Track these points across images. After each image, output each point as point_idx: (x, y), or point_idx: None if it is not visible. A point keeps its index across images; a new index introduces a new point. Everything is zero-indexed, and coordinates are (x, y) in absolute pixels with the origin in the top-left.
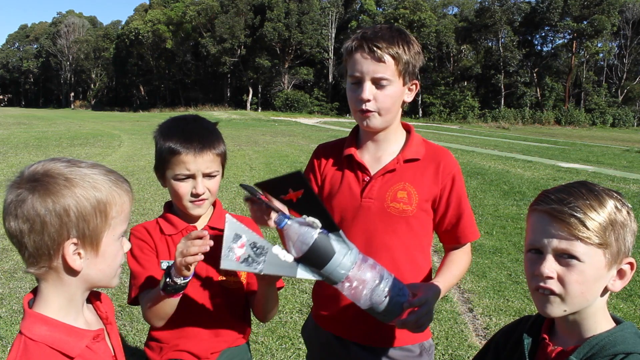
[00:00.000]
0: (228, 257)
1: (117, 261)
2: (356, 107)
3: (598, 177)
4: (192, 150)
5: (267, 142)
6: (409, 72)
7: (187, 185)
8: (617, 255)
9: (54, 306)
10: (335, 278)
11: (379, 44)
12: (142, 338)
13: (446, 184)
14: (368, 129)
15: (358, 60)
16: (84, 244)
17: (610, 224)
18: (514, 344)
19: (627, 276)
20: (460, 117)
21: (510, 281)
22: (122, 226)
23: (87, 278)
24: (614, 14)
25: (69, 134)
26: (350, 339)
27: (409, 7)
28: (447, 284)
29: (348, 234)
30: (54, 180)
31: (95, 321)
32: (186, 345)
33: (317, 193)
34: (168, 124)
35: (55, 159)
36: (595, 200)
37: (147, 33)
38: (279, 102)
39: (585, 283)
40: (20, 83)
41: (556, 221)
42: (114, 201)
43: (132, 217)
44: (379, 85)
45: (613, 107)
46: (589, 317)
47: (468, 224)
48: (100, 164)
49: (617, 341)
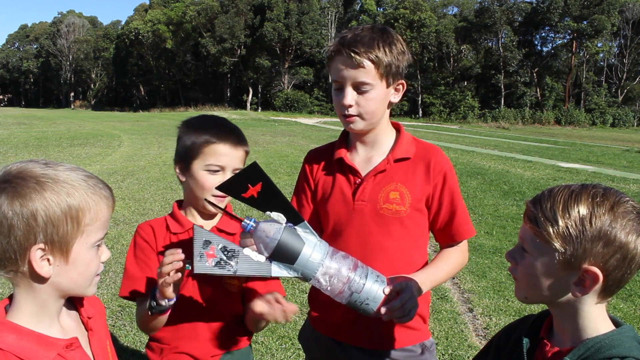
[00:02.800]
0: (200, 261)
1: (90, 270)
2: (340, 112)
3: (598, 177)
4: (229, 142)
5: (267, 142)
6: (392, 74)
7: (216, 179)
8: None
9: (25, 313)
10: (309, 270)
11: (357, 49)
12: (142, 338)
13: (438, 182)
14: (354, 132)
15: (338, 67)
16: (52, 250)
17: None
18: (514, 343)
19: (589, 285)
20: (460, 117)
21: (510, 281)
22: (98, 234)
23: (58, 286)
24: (614, 14)
25: (69, 134)
26: (351, 343)
27: (409, 7)
28: (431, 278)
29: (343, 238)
30: (24, 182)
31: (74, 328)
32: (186, 348)
33: (311, 198)
34: (199, 119)
35: (34, 161)
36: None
37: (147, 33)
38: (279, 102)
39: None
40: (20, 83)
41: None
42: (88, 207)
43: (132, 217)
44: (360, 90)
45: (613, 107)
46: (587, 318)
47: (462, 221)
48: (80, 168)
49: (613, 344)
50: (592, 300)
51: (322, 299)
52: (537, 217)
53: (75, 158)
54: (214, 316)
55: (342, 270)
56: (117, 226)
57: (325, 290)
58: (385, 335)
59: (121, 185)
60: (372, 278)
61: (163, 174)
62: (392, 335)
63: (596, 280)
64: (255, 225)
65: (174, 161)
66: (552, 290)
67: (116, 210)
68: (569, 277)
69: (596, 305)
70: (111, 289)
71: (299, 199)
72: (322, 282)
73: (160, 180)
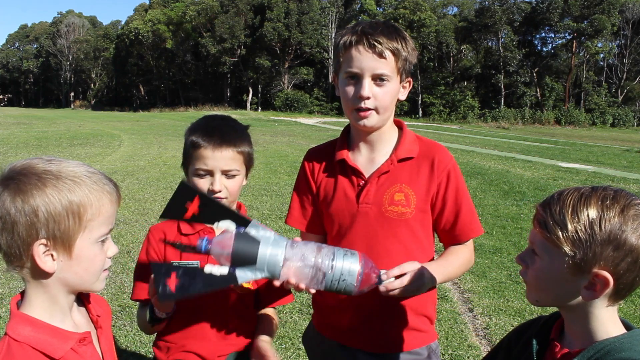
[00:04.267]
0: (165, 292)
1: (96, 265)
2: (353, 106)
3: (598, 177)
4: (211, 144)
5: (267, 142)
6: (405, 69)
7: (205, 182)
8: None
9: (37, 308)
10: (273, 265)
11: (379, 38)
12: (142, 338)
13: (442, 181)
14: (365, 129)
15: (356, 56)
16: (55, 246)
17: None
18: (524, 344)
19: (599, 289)
20: (460, 117)
21: (510, 281)
22: (102, 229)
23: (64, 281)
24: (614, 13)
25: (69, 133)
26: (357, 347)
27: (409, 7)
28: (442, 270)
29: (347, 240)
30: (26, 179)
31: (85, 324)
32: (193, 347)
33: (313, 200)
34: (198, 120)
35: (39, 158)
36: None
37: (147, 33)
38: (279, 102)
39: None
40: (20, 83)
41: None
42: (90, 203)
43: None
44: (378, 82)
45: (613, 107)
46: (597, 321)
47: (468, 219)
48: (85, 165)
49: (623, 347)
50: (603, 303)
51: (327, 304)
52: (547, 221)
53: (75, 158)
54: (222, 316)
55: (307, 255)
56: (117, 226)
57: (299, 281)
58: (392, 338)
59: (121, 185)
60: (340, 254)
61: (163, 174)
62: (400, 338)
63: (607, 285)
64: (207, 241)
65: (181, 165)
66: (563, 294)
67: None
68: (579, 281)
69: (607, 308)
70: (111, 289)
71: (301, 200)
72: (291, 273)
73: (160, 180)
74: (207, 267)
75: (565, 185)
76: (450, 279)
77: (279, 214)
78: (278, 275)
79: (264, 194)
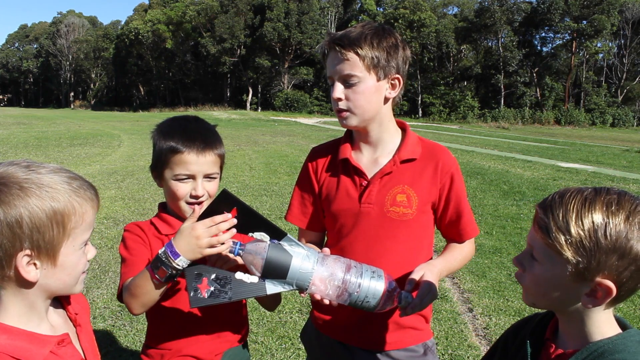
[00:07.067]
0: (196, 297)
1: (78, 269)
2: (334, 108)
3: (598, 177)
4: (194, 149)
5: (267, 142)
6: (381, 67)
7: (187, 187)
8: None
9: (13, 314)
10: (302, 280)
11: (342, 42)
12: (142, 338)
13: (445, 183)
14: (348, 128)
15: (328, 62)
16: (39, 255)
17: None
18: (520, 343)
19: (601, 297)
20: (460, 117)
21: (510, 281)
22: (84, 235)
23: (46, 288)
24: (613, 14)
25: (69, 133)
26: (355, 345)
27: (409, 7)
28: (447, 265)
29: (348, 240)
30: (7, 189)
31: (62, 324)
32: (189, 350)
33: (315, 199)
34: (168, 123)
35: (15, 163)
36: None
37: (147, 33)
38: (279, 102)
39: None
40: (20, 83)
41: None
42: (73, 211)
43: (131, 217)
44: (347, 83)
45: (613, 107)
46: (594, 324)
47: (468, 222)
48: (65, 169)
49: (617, 349)
50: (601, 307)
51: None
52: (549, 226)
53: (75, 158)
54: (214, 315)
55: (336, 273)
56: (117, 226)
57: (326, 296)
58: (389, 336)
59: (121, 185)
60: (368, 275)
61: None
62: (396, 335)
63: (609, 294)
64: (242, 247)
65: (150, 168)
66: (562, 300)
67: (116, 210)
68: (580, 288)
69: (604, 311)
70: (111, 289)
71: (302, 198)
72: (319, 289)
73: None
74: (238, 274)
75: (565, 185)
76: (452, 273)
77: (278, 214)
78: (305, 290)
79: (264, 194)
